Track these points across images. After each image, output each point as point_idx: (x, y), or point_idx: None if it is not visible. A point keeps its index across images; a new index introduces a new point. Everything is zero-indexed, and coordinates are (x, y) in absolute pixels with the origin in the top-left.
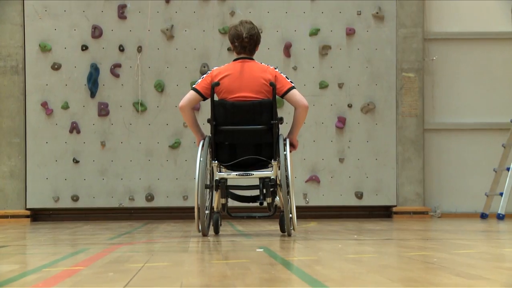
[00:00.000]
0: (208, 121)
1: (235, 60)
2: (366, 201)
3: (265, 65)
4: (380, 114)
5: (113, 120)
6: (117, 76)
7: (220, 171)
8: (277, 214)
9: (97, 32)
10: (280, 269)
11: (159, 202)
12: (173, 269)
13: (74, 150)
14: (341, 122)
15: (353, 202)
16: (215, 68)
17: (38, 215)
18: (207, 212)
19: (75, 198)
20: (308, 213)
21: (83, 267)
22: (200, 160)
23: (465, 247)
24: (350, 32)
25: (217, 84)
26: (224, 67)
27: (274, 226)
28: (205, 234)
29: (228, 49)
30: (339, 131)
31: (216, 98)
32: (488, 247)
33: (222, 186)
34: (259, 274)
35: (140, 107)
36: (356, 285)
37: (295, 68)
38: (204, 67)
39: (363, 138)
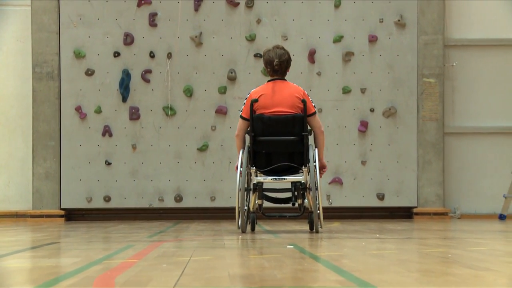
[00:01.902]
0: (248, 133)
1: (269, 81)
2: (387, 202)
3: (295, 85)
4: (401, 118)
5: (144, 124)
6: (147, 81)
7: (257, 176)
8: (305, 215)
9: (129, 39)
10: (311, 262)
11: (188, 202)
12: (217, 262)
13: (106, 153)
14: (364, 126)
15: (375, 203)
16: (251, 91)
17: (71, 215)
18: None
19: (107, 199)
20: (331, 213)
21: (137, 260)
22: (241, 167)
23: (479, 245)
24: (373, 39)
25: (256, 100)
26: (260, 88)
27: (299, 226)
28: (243, 231)
29: (255, 56)
30: (362, 135)
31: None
32: (501, 245)
33: (259, 189)
34: (293, 266)
35: (169, 111)
36: (379, 273)
37: (319, 74)
38: (232, 72)
39: (384, 142)
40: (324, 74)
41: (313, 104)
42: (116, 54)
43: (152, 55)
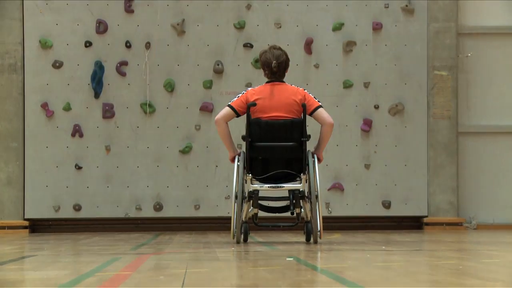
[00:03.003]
0: (243, 138)
1: (267, 82)
2: (394, 211)
3: (294, 87)
4: (409, 116)
5: (119, 123)
6: (123, 74)
7: (252, 183)
8: (300, 225)
9: (101, 27)
10: (314, 273)
11: (169, 212)
12: (215, 274)
13: (76, 155)
14: (367, 125)
15: (380, 212)
16: (249, 89)
17: (36, 226)
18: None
19: (77, 208)
20: (331, 223)
21: (131, 272)
22: (237, 174)
23: (493, 256)
24: (377, 27)
25: (254, 104)
26: (258, 89)
27: (295, 237)
28: (238, 242)
29: (245, 45)
30: (365, 135)
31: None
32: None
33: (255, 197)
34: (297, 277)
35: (148, 108)
36: (387, 285)
37: (316, 66)
38: (218, 65)
39: (391, 142)
40: (323, 67)
41: (317, 100)
42: (88, 44)
43: (128, 45)
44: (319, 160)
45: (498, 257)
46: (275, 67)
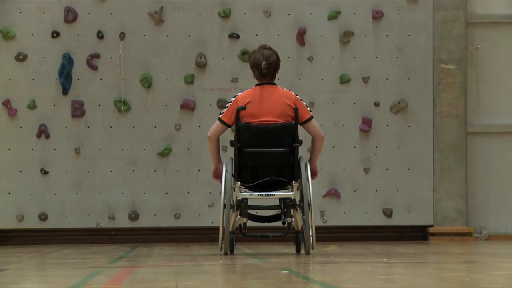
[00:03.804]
0: (231, 143)
1: (256, 85)
2: (396, 220)
3: (286, 90)
4: (413, 114)
5: (90, 122)
6: (94, 68)
7: (241, 191)
8: (289, 236)
9: (70, 16)
10: (315, 286)
11: (145, 221)
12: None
13: (42, 159)
14: (366, 124)
15: (381, 221)
16: (238, 94)
17: None
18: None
19: (43, 217)
20: (326, 234)
21: (118, 286)
22: (225, 181)
23: (503, 269)
24: (377, 16)
25: (244, 108)
26: (247, 93)
27: (285, 248)
28: (226, 253)
29: (230, 36)
30: (364, 135)
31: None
32: None
33: (244, 206)
34: None
35: (122, 106)
36: None
37: (310, 59)
38: (201, 57)
39: (392, 144)
40: (317, 60)
41: (308, 109)
42: (55, 34)
43: (100, 35)
44: (314, 174)
45: (508, 269)
46: (264, 69)
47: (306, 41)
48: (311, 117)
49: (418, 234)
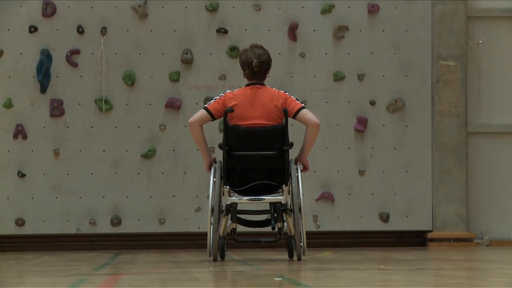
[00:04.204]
0: (220, 146)
1: (246, 85)
2: (393, 225)
3: (275, 90)
4: (411, 113)
5: (70, 122)
6: (74, 65)
7: (230, 196)
8: (281, 241)
9: (49, 10)
10: None
11: (128, 227)
12: None
13: (19, 161)
14: (362, 124)
15: (377, 226)
16: (228, 91)
17: None
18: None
19: (20, 223)
20: (319, 240)
21: None
22: (213, 185)
23: (504, 275)
24: (373, 9)
25: (231, 110)
26: (237, 93)
27: (277, 254)
28: (215, 259)
29: (218, 31)
30: (359, 136)
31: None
32: None
33: (233, 211)
34: None
35: (104, 105)
36: None
37: (302, 55)
38: (187, 53)
39: (389, 144)
40: (310, 56)
41: (299, 101)
42: (33, 29)
43: (80, 30)
44: (305, 168)
45: (509, 276)
46: (256, 66)
47: (298, 36)
48: (303, 107)
49: (416, 239)
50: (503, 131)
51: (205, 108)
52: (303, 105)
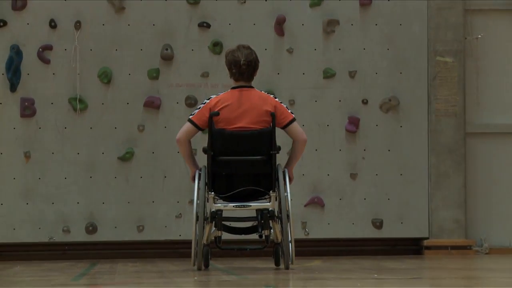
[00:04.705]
0: (204, 151)
1: (233, 88)
2: (387, 232)
3: (264, 94)
4: (406, 113)
5: (41, 123)
6: (46, 62)
7: (215, 202)
8: (267, 249)
9: (19, 3)
10: None
11: (104, 235)
12: None
13: None
14: (353, 124)
15: (370, 233)
16: (213, 96)
17: None
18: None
19: None
20: (308, 248)
21: None
22: (198, 191)
23: (503, 284)
24: (365, 2)
25: (217, 114)
26: (223, 96)
27: (263, 263)
28: (200, 268)
29: (200, 25)
30: (351, 137)
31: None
32: None
33: (218, 218)
34: None
35: (78, 104)
36: None
37: (290, 51)
38: (167, 49)
39: (383, 146)
40: (298, 51)
41: (290, 111)
42: (2, 24)
43: (53, 24)
44: (290, 180)
45: (508, 285)
46: (244, 65)
47: (285, 31)
48: (293, 120)
49: (411, 247)
50: (504, 132)
51: (190, 121)
52: (294, 116)
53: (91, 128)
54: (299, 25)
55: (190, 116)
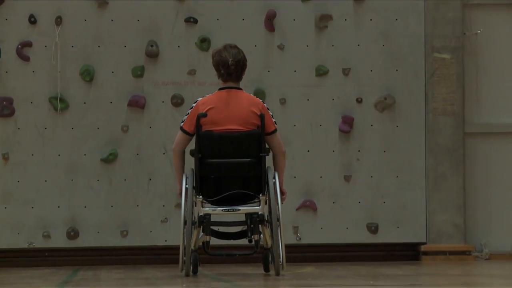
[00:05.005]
0: (192, 153)
1: (221, 89)
2: (382, 237)
3: (252, 96)
4: (402, 112)
5: (20, 123)
6: (26, 59)
7: (203, 206)
8: (257, 255)
9: None
10: None
11: (87, 240)
12: None
13: None
14: (347, 124)
15: (365, 238)
16: (200, 99)
17: None
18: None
19: None
20: (300, 254)
21: None
22: (185, 196)
23: None
24: None
25: (205, 115)
26: (210, 97)
27: (253, 269)
28: (188, 274)
29: (186, 21)
30: (345, 137)
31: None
32: None
33: (206, 223)
34: None
35: (59, 103)
36: None
37: (281, 47)
38: (152, 46)
39: (378, 147)
40: (289, 48)
41: (274, 120)
42: None
43: (32, 20)
44: (283, 194)
45: None
46: (232, 65)
47: (276, 27)
48: (275, 130)
49: (408, 253)
50: (504, 131)
51: (182, 130)
52: (276, 127)
53: (72, 128)
54: (291, 20)
55: (181, 124)
